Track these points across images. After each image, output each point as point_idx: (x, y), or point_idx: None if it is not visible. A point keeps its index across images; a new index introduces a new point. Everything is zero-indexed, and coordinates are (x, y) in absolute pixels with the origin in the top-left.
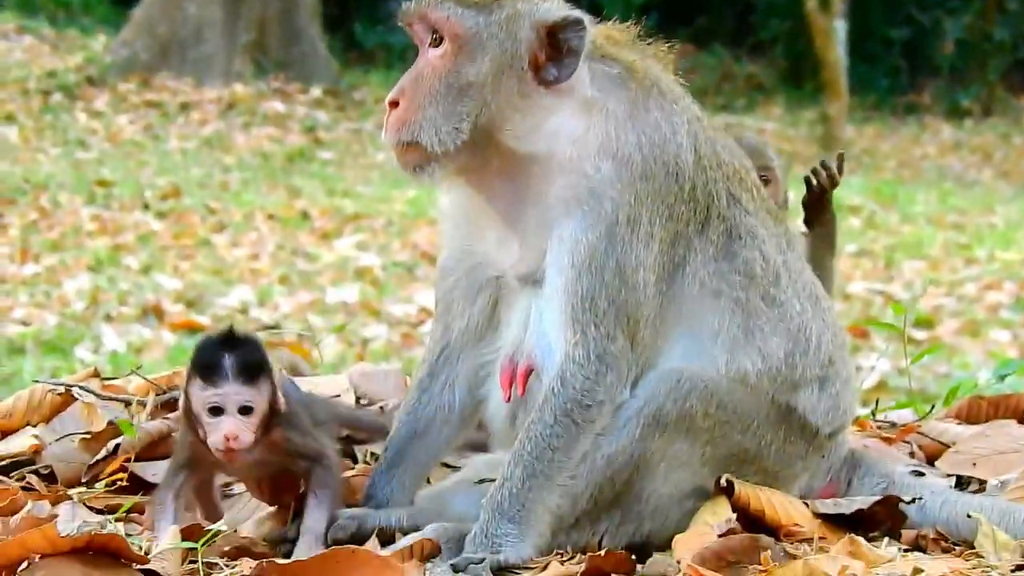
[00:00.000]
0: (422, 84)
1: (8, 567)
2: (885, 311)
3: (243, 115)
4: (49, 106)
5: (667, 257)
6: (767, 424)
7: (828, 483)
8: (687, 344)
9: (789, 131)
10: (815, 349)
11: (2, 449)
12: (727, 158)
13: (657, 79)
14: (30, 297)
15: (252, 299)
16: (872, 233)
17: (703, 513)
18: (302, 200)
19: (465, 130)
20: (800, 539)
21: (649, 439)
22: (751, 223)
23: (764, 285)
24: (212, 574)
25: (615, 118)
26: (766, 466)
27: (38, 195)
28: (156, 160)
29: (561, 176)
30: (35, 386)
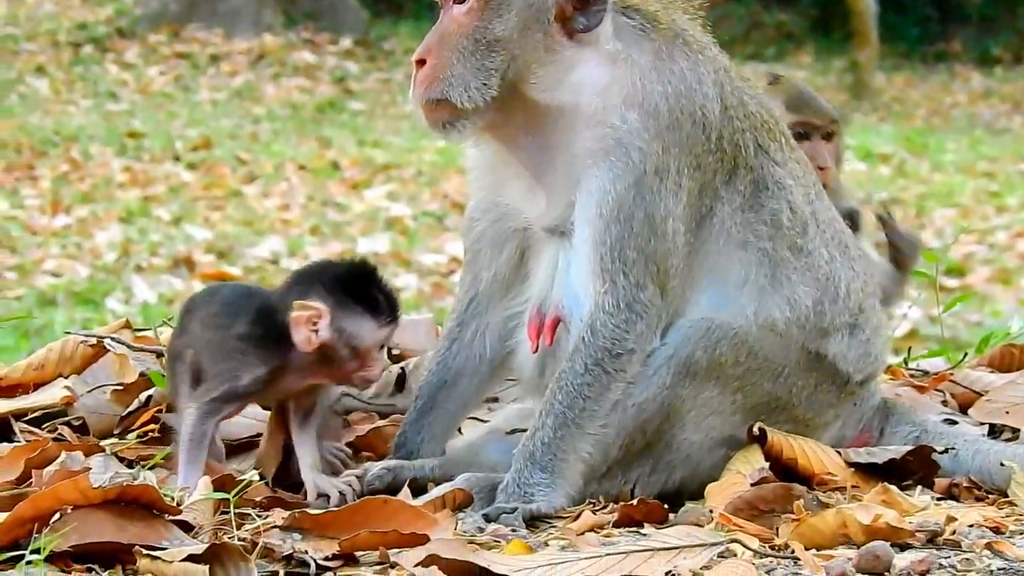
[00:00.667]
0: (448, 41)
1: (41, 518)
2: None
3: (273, 66)
4: (79, 58)
5: (695, 208)
6: (797, 371)
7: (860, 432)
8: (715, 294)
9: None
10: (844, 297)
11: (34, 401)
12: (754, 108)
13: (682, 29)
14: (61, 249)
15: (283, 250)
16: (902, 181)
17: (736, 462)
18: (332, 150)
19: (494, 86)
20: (833, 488)
21: (679, 387)
22: (779, 173)
23: (791, 235)
24: (244, 524)
25: (640, 68)
26: (797, 414)
27: (69, 147)
28: (186, 111)
29: (587, 128)
30: (67, 338)
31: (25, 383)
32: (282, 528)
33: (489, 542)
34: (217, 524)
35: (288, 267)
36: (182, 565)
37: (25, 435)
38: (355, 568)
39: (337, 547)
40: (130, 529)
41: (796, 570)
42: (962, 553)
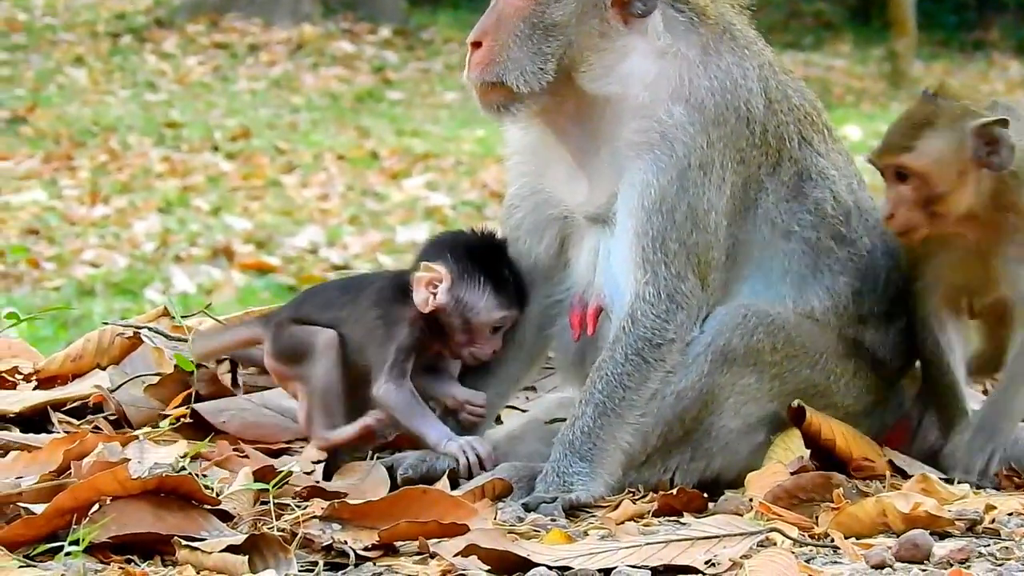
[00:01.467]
0: (506, 24)
1: (79, 509)
2: None
3: (311, 56)
4: (118, 48)
5: (739, 200)
6: (835, 358)
7: (899, 420)
8: (756, 283)
9: (857, 68)
10: (883, 286)
11: (72, 392)
12: (798, 101)
13: (730, 23)
14: (100, 239)
15: (322, 239)
16: None
17: (775, 449)
18: (371, 140)
19: (549, 71)
20: (871, 475)
21: (717, 374)
22: (822, 163)
23: (835, 224)
24: (283, 515)
25: (687, 62)
26: (836, 400)
27: (107, 137)
28: (225, 101)
29: (633, 119)
30: (104, 328)
31: (64, 374)
32: (321, 518)
33: (528, 531)
34: (256, 514)
35: (327, 257)
36: (221, 556)
37: (63, 426)
38: (395, 558)
39: (376, 537)
40: (169, 520)
41: (836, 559)
42: (1001, 541)
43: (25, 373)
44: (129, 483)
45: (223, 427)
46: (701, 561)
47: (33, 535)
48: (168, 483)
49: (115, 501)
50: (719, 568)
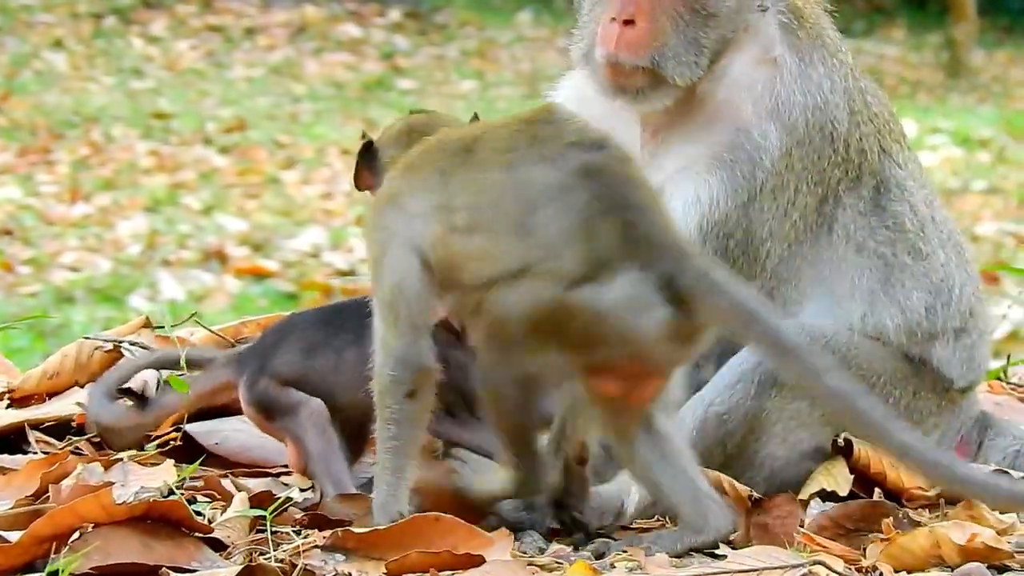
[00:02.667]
0: (664, 5)
1: (59, 537)
2: (1017, 254)
3: (314, 40)
4: (101, 31)
5: (810, 220)
6: (895, 380)
7: (958, 443)
8: (822, 302)
9: (912, 56)
10: (956, 301)
11: (49, 411)
12: (877, 108)
13: (822, 28)
14: (80, 241)
15: (325, 242)
16: (1003, 168)
17: (817, 476)
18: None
19: (704, 65)
20: (924, 503)
21: (764, 398)
22: (901, 175)
23: (912, 238)
24: (282, 544)
25: (786, 72)
26: None
27: (89, 128)
28: (219, 90)
29: (725, 131)
30: (83, 342)
31: (40, 392)
32: (323, 548)
33: (550, 564)
34: (252, 544)
35: (331, 261)
36: None
37: (41, 446)
38: None
39: (384, 569)
40: (157, 549)
41: None
42: None
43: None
44: (114, 509)
45: (215, 450)
46: None
47: (8, 565)
48: (156, 509)
49: (98, 528)
50: None
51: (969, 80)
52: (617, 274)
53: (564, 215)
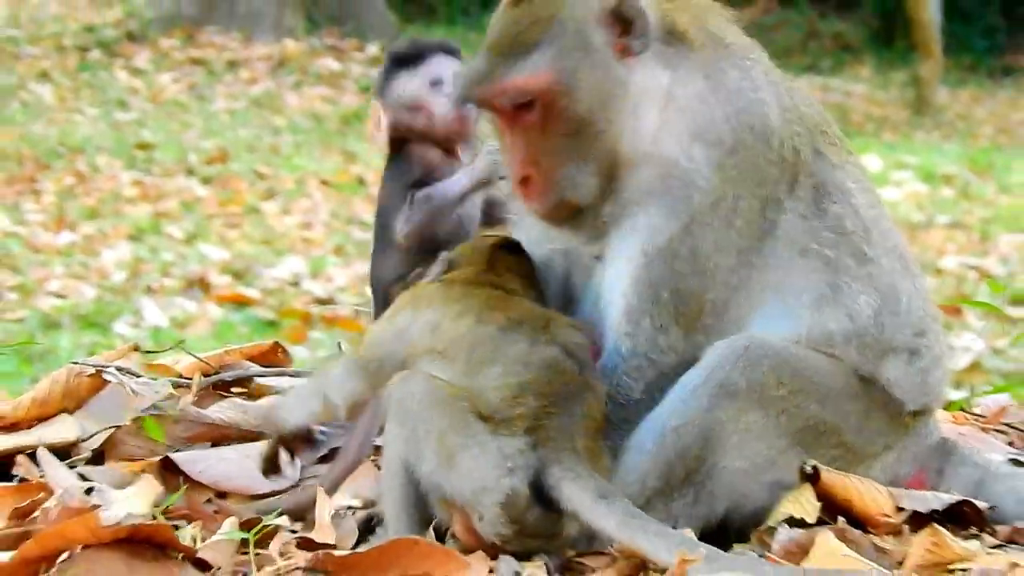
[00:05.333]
0: (540, 147)
1: (47, 559)
2: (979, 287)
3: (295, 73)
4: (86, 63)
5: (754, 226)
6: (846, 395)
7: (917, 470)
8: (773, 308)
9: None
10: (905, 311)
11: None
12: (806, 109)
13: (723, 34)
14: (66, 268)
15: (304, 271)
16: (966, 204)
17: (786, 503)
18: (358, 165)
19: (594, 162)
20: (888, 531)
21: (719, 409)
22: (839, 178)
23: (855, 241)
24: (265, 566)
25: (695, 94)
26: (846, 440)
27: (74, 159)
28: (201, 122)
29: (650, 165)
30: (71, 367)
31: (29, 419)
32: (305, 570)
33: None
34: (236, 566)
35: (310, 290)
36: None
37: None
38: None
39: None
40: (142, 571)
41: None
42: None
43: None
44: (100, 531)
45: (198, 477)
46: None
47: None
48: (142, 532)
49: (85, 550)
50: None
51: (934, 117)
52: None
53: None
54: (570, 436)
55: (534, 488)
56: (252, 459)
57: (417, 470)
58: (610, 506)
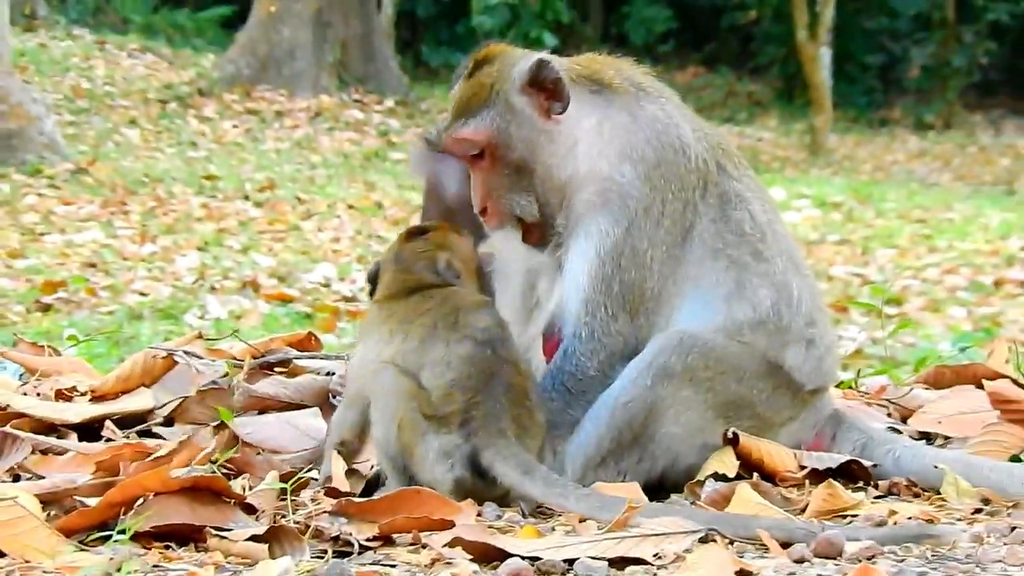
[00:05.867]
0: (491, 185)
1: (127, 503)
2: (862, 291)
3: (328, 121)
4: (166, 113)
5: (678, 225)
6: (757, 376)
7: (816, 436)
8: (694, 300)
9: (782, 140)
10: (797, 303)
11: (121, 406)
12: (710, 132)
13: (638, 81)
14: (148, 272)
15: (334, 275)
16: (851, 225)
17: (711, 462)
18: (376, 193)
19: (536, 191)
20: (793, 484)
21: (659, 387)
22: (739, 188)
23: (753, 242)
24: (299, 510)
25: (622, 126)
26: (758, 411)
27: (155, 187)
28: (255, 158)
29: (592, 184)
30: (148, 351)
31: (114, 392)
32: (331, 513)
33: (505, 527)
34: (276, 509)
35: (338, 290)
36: (245, 544)
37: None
38: (392, 548)
39: (377, 530)
40: (202, 513)
41: (763, 555)
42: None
43: (81, 391)
44: (169, 481)
45: (247, 439)
46: (650, 554)
47: (86, 524)
48: (202, 482)
49: (157, 496)
50: (665, 560)
51: (826, 158)
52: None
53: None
54: (496, 418)
55: (475, 469)
56: (290, 425)
57: (391, 448)
58: (532, 478)
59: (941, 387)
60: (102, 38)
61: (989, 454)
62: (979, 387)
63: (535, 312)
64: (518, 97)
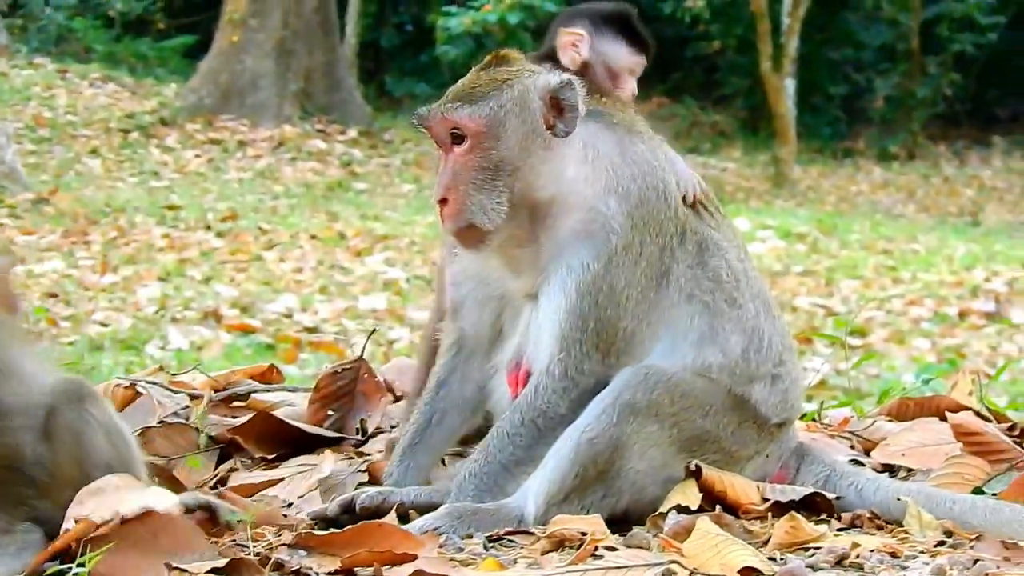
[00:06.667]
0: (461, 177)
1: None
2: (826, 322)
3: (291, 151)
4: (128, 142)
5: (655, 268)
6: (723, 410)
7: (780, 469)
8: (665, 341)
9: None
10: (767, 348)
11: None
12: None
13: (632, 121)
14: (109, 302)
15: (296, 306)
16: (815, 256)
17: (674, 494)
18: (339, 223)
19: (505, 201)
20: (755, 516)
21: (624, 424)
22: (716, 236)
23: (728, 289)
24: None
25: (610, 159)
26: (724, 446)
27: (117, 217)
28: (217, 188)
29: (576, 212)
30: (110, 382)
31: None
32: (291, 546)
33: (467, 559)
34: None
35: (300, 320)
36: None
37: None
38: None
39: (339, 563)
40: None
41: None
42: (864, 574)
43: None
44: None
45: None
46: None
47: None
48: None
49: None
50: None
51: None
52: None
53: None
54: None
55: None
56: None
57: None
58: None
59: (904, 419)
60: (64, 67)
61: (952, 486)
62: (942, 419)
63: (500, 341)
64: (535, 100)
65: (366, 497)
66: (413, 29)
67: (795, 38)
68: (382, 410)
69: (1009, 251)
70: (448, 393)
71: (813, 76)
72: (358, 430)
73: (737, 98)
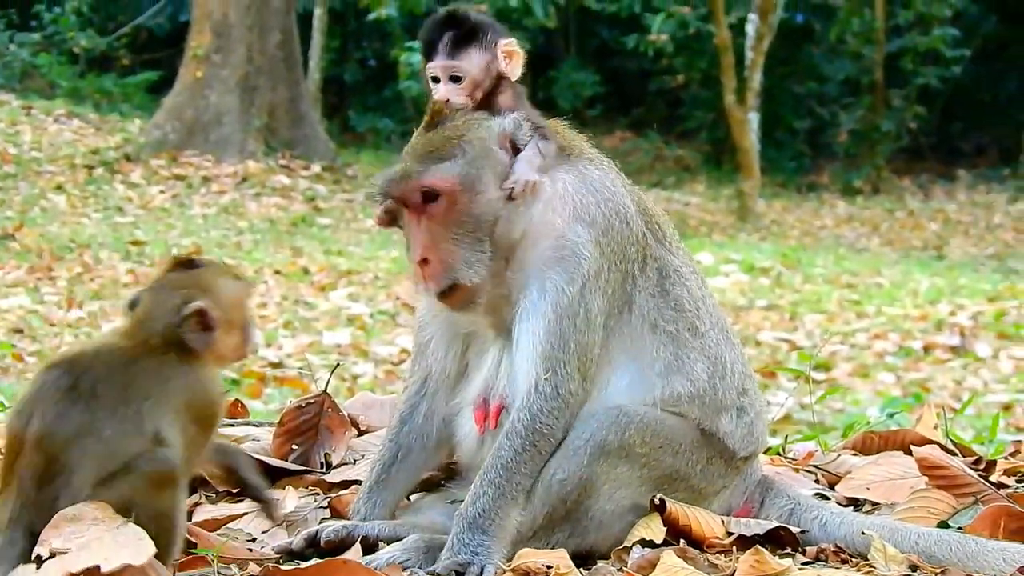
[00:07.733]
0: (440, 236)
1: None
2: (790, 356)
3: (255, 187)
4: (92, 178)
5: (619, 296)
6: (693, 447)
7: (744, 502)
8: (631, 371)
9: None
10: (730, 375)
11: None
12: (648, 206)
13: (587, 151)
14: (75, 337)
15: (260, 340)
16: (779, 290)
17: (639, 528)
18: (303, 258)
19: (487, 250)
20: (720, 550)
21: (595, 465)
22: (676, 262)
23: (690, 318)
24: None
25: (573, 186)
26: (693, 483)
27: (82, 252)
28: (182, 224)
29: (544, 240)
30: None
31: None
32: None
33: None
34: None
35: (265, 356)
36: None
37: None
38: None
39: None
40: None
41: None
42: None
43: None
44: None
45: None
46: None
47: None
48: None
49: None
50: None
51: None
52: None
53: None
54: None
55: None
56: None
57: None
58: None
59: (869, 453)
60: (29, 103)
61: (917, 520)
62: (907, 453)
63: (465, 379)
64: (494, 149)
65: (331, 531)
66: (376, 64)
67: (759, 72)
68: (346, 444)
69: (974, 285)
70: (412, 430)
71: (777, 110)
72: (322, 464)
73: (701, 132)
